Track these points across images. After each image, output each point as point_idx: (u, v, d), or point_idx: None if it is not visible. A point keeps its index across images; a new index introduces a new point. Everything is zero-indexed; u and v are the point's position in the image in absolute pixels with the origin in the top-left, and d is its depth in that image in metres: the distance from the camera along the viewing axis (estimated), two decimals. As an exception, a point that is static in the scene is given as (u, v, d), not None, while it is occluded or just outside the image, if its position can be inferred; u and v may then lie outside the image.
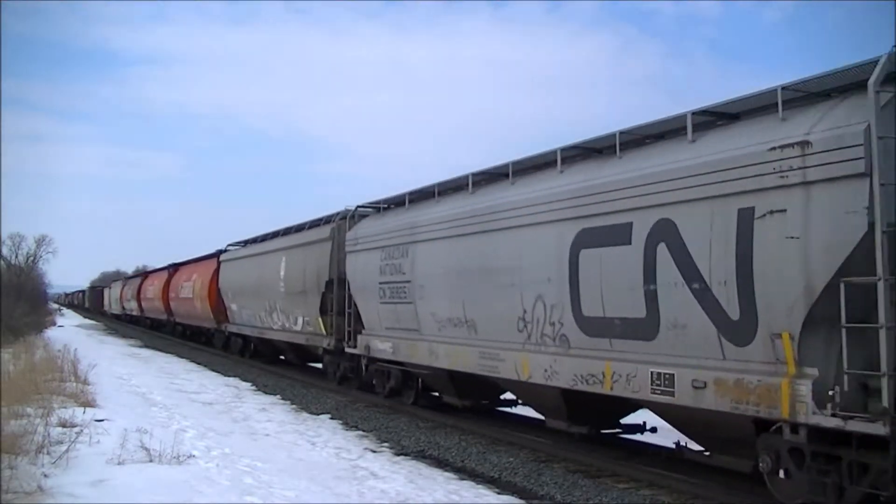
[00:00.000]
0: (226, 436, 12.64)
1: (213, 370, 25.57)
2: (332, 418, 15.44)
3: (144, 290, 51.01)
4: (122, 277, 77.77)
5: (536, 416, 14.37)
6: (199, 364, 27.86)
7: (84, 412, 12.17)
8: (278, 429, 13.94)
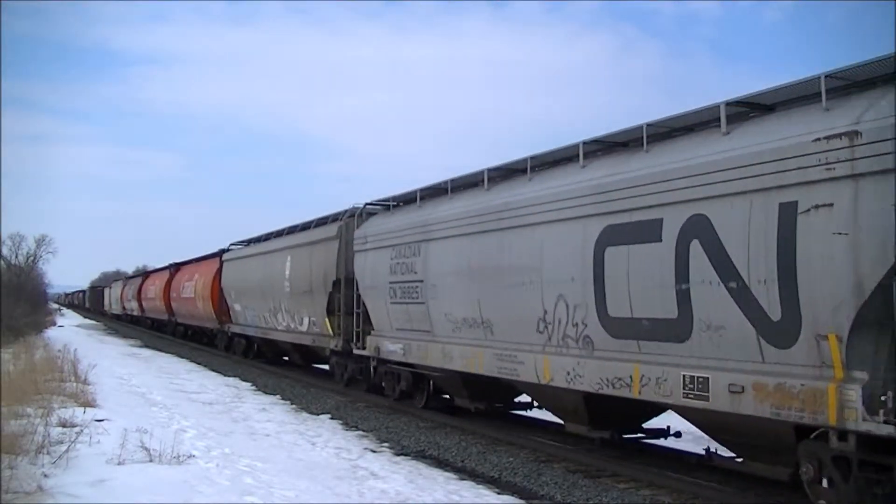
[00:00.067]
0: (226, 436, 12.55)
1: (214, 370, 25.45)
2: (332, 418, 15.36)
3: (145, 289, 50.58)
4: (123, 277, 77.35)
5: (543, 418, 14.14)
6: (199, 364, 27.75)
7: (84, 412, 12.05)
8: (278, 429, 13.85)
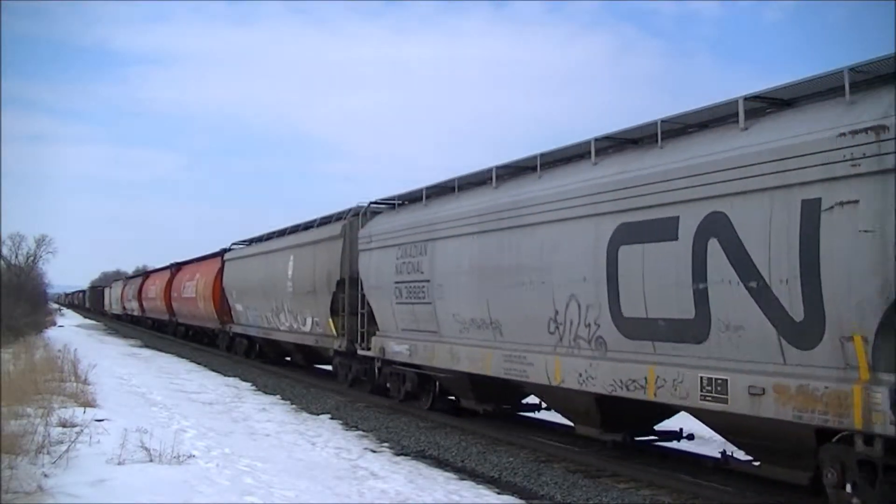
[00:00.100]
0: (226, 436, 12.50)
1: (214, 370, 25.36)
2: (332, 418, 15.30)
3: (146, 289, 50.36)
4: (123, 277, 77.14)
5: (549, 420, 13.95)
6: (199, 364, 27.67)
7: (84, 412, 11.99)
8: (278, 429, 13.79)
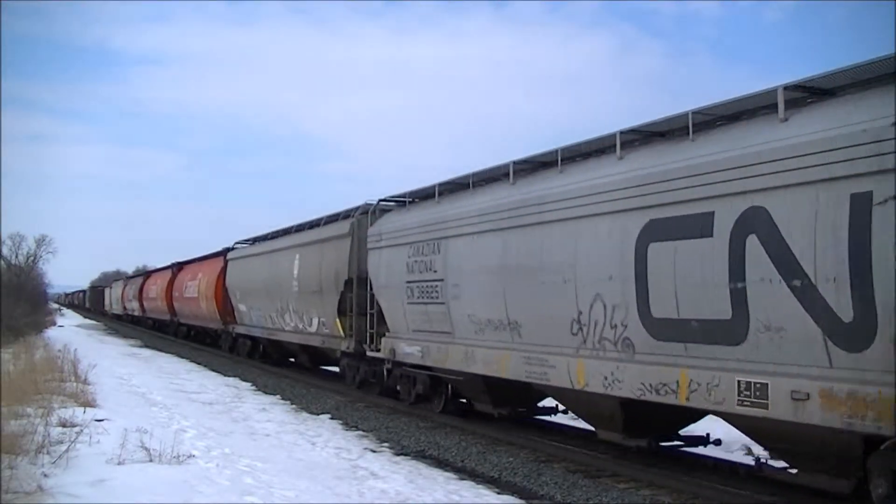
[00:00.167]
0: (226, 436, 12.45)
1: (214, 370, 25.28)
2: (332, 418, 15.25)
3: (147, 289, 49.92)
4: (124, 277, 76.69)
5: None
6: (199, 364, 27.65)
7: (84, 412, 11.89)
8: (278, 429, 13.74)
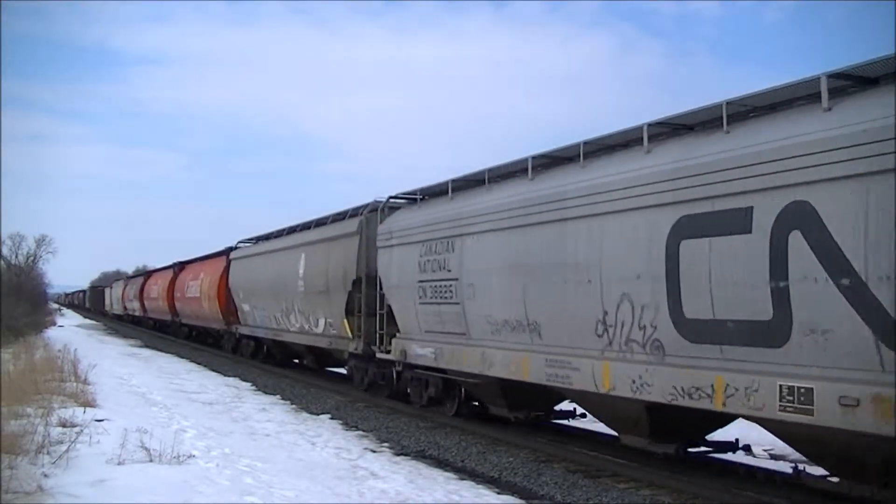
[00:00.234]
0: (226, 436, 12.40)
1: (214, 370, 25.19)
2: (332, 418, 15.21)
3: (148, 289, 49.49)
4: (124, 277, 76.26)
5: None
6: (199, 364, 27.60)
7: (84, 412, 11.88)
8: (278, 429, 13.69)
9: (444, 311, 13.35)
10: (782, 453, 12.06)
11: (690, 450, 10.08)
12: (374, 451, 11.96)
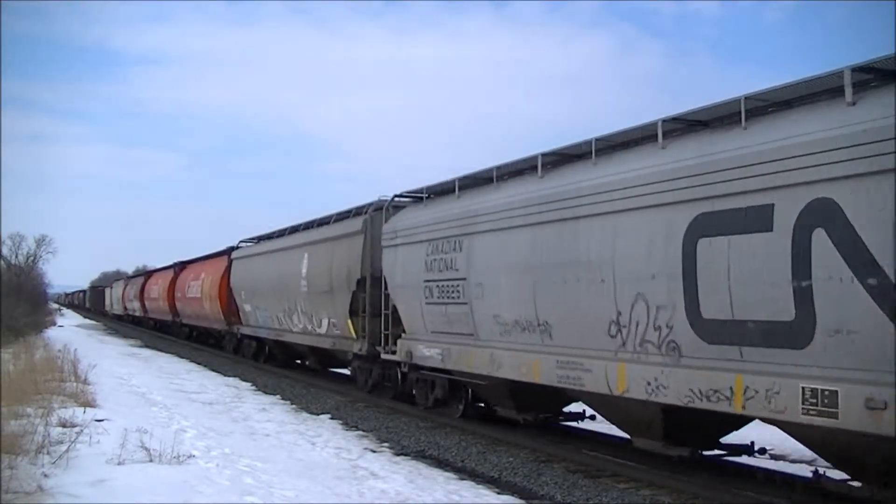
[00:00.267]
0: (226, 436, 12.39)
1: (213, 370, 25.15)
2: (332, 418, 15.20)
3: (148, 289, 49.28)
4: (124, 277, 76.06)
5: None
6: (199, 364, 27.55)
7: (84, 412, 11.86)
8: (278, 429, 13.68)
9: (451, 311, 13.14)
10: (782, 453, 11.96)
11: (705, 453, 9.88)
12: (374, 451, 11.94)
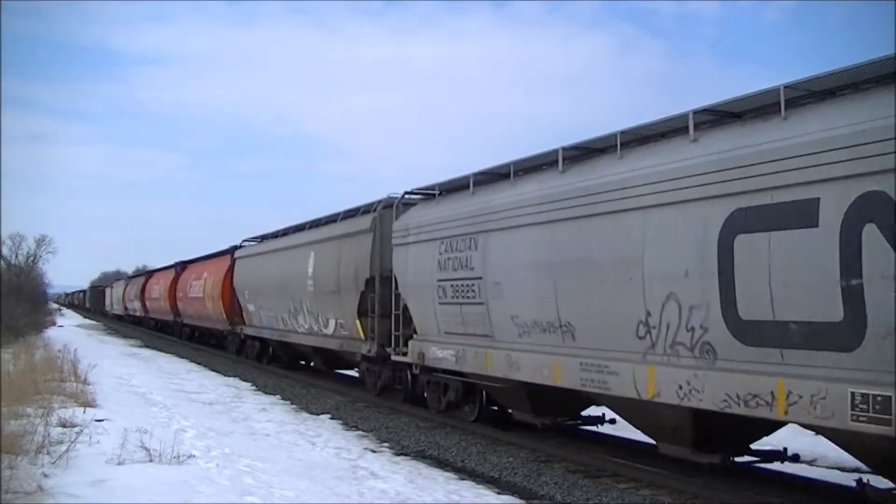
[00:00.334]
0: (226, 436, 12.37)
1: (214, 370, 25.10)
2: (332, 418, 15.21)
3: (149, 289, 48.85)
4: (124, 277, 75.64)
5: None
6: (199, 364, 27.44)
7: (84, 412, 11.85)
8: (278, 429, 13.67)
9: (466, 311, 12.71)
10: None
11: (736, 459, 9.46)
12: (374, 451, 11.91)
